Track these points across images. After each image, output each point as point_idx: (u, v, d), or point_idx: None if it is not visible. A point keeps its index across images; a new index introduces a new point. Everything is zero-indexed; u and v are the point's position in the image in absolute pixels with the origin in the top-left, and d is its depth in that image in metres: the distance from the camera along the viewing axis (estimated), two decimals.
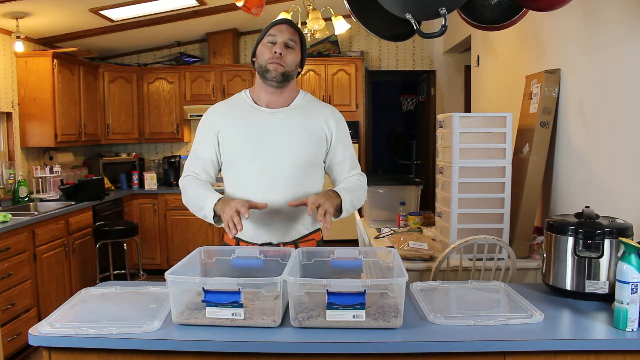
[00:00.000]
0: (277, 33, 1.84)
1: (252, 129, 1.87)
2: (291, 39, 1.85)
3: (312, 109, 1.94)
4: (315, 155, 1.90)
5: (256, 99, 1.93)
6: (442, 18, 1.73)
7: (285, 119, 1.88)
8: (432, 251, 2.63)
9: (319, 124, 1.91)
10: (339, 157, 1.95)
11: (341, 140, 1.95)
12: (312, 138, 1.88)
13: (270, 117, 1.88)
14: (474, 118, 2.68)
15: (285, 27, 1.85)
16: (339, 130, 1.94)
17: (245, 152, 1.87)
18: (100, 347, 1.39)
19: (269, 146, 1.85)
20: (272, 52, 1.82)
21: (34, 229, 3.68)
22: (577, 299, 1.67)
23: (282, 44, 1.83)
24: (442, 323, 1.45)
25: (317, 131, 1.90)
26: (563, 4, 1.88)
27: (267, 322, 1.44)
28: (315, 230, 1.97)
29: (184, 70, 5.69)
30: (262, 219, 1.86)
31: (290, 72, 1.86)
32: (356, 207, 1.90)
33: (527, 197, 2.72)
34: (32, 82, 4.49)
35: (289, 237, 1.89)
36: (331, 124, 1.92)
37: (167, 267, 2.21)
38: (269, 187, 1.85)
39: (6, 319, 3.32)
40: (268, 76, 1.83)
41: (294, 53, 1.86)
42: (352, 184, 1.92)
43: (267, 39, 1.85)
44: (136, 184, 5.61)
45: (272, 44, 1.84)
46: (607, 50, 2.36)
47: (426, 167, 6.43)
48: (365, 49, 6.10)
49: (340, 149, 1.95)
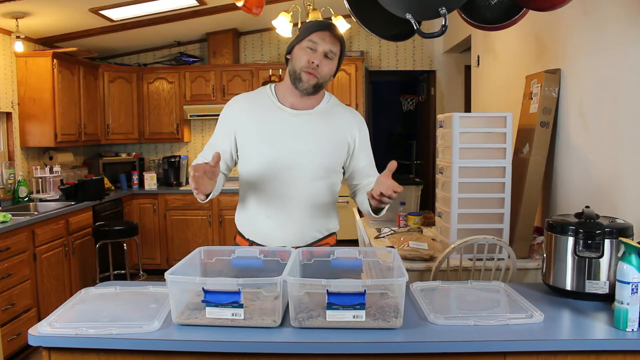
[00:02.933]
0: (319, 41, 1.76)
1: (272, 129, 1.81)
2: (332, 50, 1.78)
3: (337, 114, 1.88)
4: (335, 162, 1.86)
5: (281, 97, 1.86)
6: (442, 18, 1.73)
7: (309, 123, 1.83)
8: (432, 251, 2.63)
9: (342, 130, 1.86)
10: (362, 162, 1.91)
11: (364, 146, 1.91)
12: (333, 145, 1.84)
13: (294, 119, 1.82)
14: (474, 118, 2.68)
15: (329, 35, 1.77)
16: (362, 136, 1.90)
17: (263, 152, 1.81)
18: (100, 347, 1.39)
19: (289, 149, 1.80)
20: (310, 62, 1.75)
21: (34, 229, 3.68)
22: (577, 299, 1.66)
23: (321, 55, 1.76)
24: (442, 323, 1.45)
25: (340, 138, 1.85)
26: (563, 4, 1.88)
27: (267, 323, 1.43)
28: (330, 234, 1.93)
29: (184, 70, 5.68)
30: (276, 223, 1.83)
31: (323, 83, 1.80)
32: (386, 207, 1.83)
33: (527, 197, 2.72)
34: (32, 82, 4.49)
35: (302, 241, 1.85)
36: (354, 130, 1.88)
37: (167, 267, 2.21)
38: (284, 192, 1.81)
39: (6, 319, 3.32)
40: (299, 86, 1.78)
41: (331, 64, 1.80)
42: None
43: (307, 44, 1.77)
44: (136, 184, 5.61)
45: (311, 50, 1.77)
46: (607, 50, 2.36)
47: (426, 167, 6.43)
48: (365, 49, 6.10)
49: (364, 155, 1.91)
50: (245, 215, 1.91)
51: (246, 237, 1.90)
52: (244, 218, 1.93)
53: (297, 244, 1.83)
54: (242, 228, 1.93)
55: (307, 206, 1.80)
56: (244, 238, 1.91)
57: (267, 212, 1.83)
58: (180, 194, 5.47)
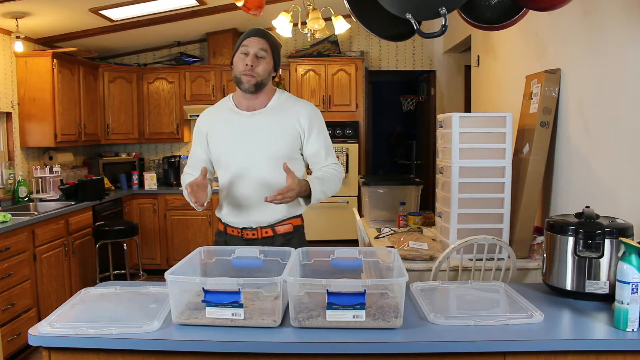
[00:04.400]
0: (249, 44, 2.03)
1: (233, 130, 2.09)
2: (262, 49, 2.03)
3: (287, 108, 2.11)
4: (290, 150, 2.08)
5: (237, 103, 2.14)
6: (442, 18, 1.73)
7: (262, 120, 2.08)
8: (432, 251, 2.63)
9: (291, 121, 2.08)
10: (313, 147, 2.10)
11: (314, 132, 2.10)
12: (285, 135, 2.07)
13: (249, 119, 2.09)
14: (474, 118, 2.68)
15: (256, 38, 2.04)
16: (312, 124, 2.10)
17: (227, 150, 2.09)
18: (100, 347, 1.39)
19: (248, 144, 2.06)
20: (244, 65, 2.01)
21: (34, 229, 3.68)
22: (577, 299, 1.67)
23: (253, 56, 2.02)
24: (442, 323, 1.45)
25: (290, 128, 2.08)
26: (563, 4, 1.88)
27: (267, 322, 1.44)
28: (294, 216, 2.13)
29: (184, 70, 5.68)
30: (240, 206, 2.09)
31: (262, 80, 2.05)
32: (327, 195, 2.06)
33: (527, 197, 2.72)
34: (32, 82, 4.49)
35: (265, 222, 2.09)
36: (302, 119, 2.08)
37: (167, 267, 2.23)
38: (247, 180, 2.06)
39: (6, 319, 3.32)
40: (242, 87, 2.05)
41: (265, 62, 2.04)
42: (326, 174, 2.08)
43: (241, 50, 2.04)
44: (136, 184, 5.61)
45: (245, 54, 2.03)
46: (607, 50, 2.36)
47: (426, 167, 6.43)
48: (365, 49, 6.10)
49: (313, 140, 2.10)
50: (221, 203, 2.19)
51: (222, 220, 2.17)
52: (219, 206, 2.20)
53: (260, 224, 2.09)
54: (218, 213, 2.20)
55: (267, 190, 1.99)
56: (221, 222, 2.19)
57: (235, 198, 2.10)
58: (180, 194, 5.46)
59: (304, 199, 2.04)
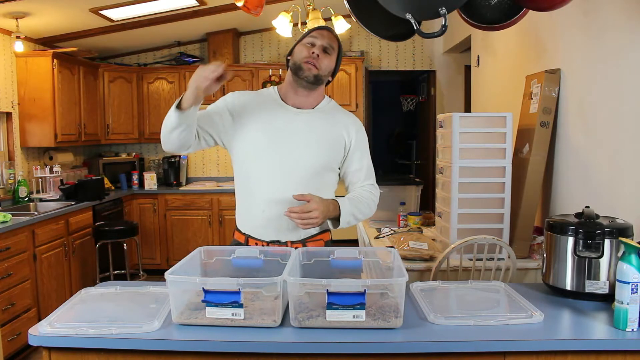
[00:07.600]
0: (318, 36, 1.87)
1: (274, 125, 1.88)
2: (330, 45, 1.88)
3: (335, 115, 1.97)
4: (331, 160, 1.92)
5: (283, 96, 1.94)
6: (442, 18, 1.73)
7: (308, 121, 1.90)
8: (432, 251, 2.63)
9: (339, 130, 1.93)
10: (355, 165, 1.97)
11: (359, 149, 1.96)
12: (330, 143, 1.91)
13: (295, 116, 1.90)
14: (474, 118, 2.68)
15: (327, 32, 1.89)
16: (359, 139, 1.97)
17: (263, 145, 1.87)
18: (100, 347, 1.39)
19: (287, 144, 1.86)
20: (310, 52, 1.85)
21: (34, 229, 3.68)
22: (577, 299, 1.66)
23: (320, 47, 1.86)
24: (442, 323, 1.45)
25: (337, 137, 1.92)
26: (563, 4, 1.88)
27: (267, 322, 1.44)
28: (324, 230, 1.96)
29: (184, 70, 5.68)
30: (272, 217, 1.86)
31: (322, 76, 1.88)
32: (359, 219, 1.91)
33: (527, 197, 2.72)
34: (32, 82, 4.49)
35: (296, 236, 1.90)
36: (351, 131, 1.95)
37: (167, 267, 2.21)
38: (279, 185, 1.85)
39: (6, 319, 3.32)
40: (301, 74, 1.85)
41: (330, 59, 1.89)
42: (360, 195, 1.93)
43: (307, 40, 1.88)
44: (136, 184, 5.61)
45: (311, 44, 1.87)
46: (607, 50, 2.36)
47: (426, 167, 6.43)
48: (365, 49, 6.10)
49: (357, 157, 1.96)
50: (242, 209, 1.96)
51: (242, 231, 1.94)
52: (240, 212, 1.97)
53: (291, 238, 1.89)
54: (239, 222, 1.97)
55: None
56: (240, 232, 1.95)
57: (263, 207, 1.87)
58: (180, 194, 5.47)
59: (331, 222, 1.88)
